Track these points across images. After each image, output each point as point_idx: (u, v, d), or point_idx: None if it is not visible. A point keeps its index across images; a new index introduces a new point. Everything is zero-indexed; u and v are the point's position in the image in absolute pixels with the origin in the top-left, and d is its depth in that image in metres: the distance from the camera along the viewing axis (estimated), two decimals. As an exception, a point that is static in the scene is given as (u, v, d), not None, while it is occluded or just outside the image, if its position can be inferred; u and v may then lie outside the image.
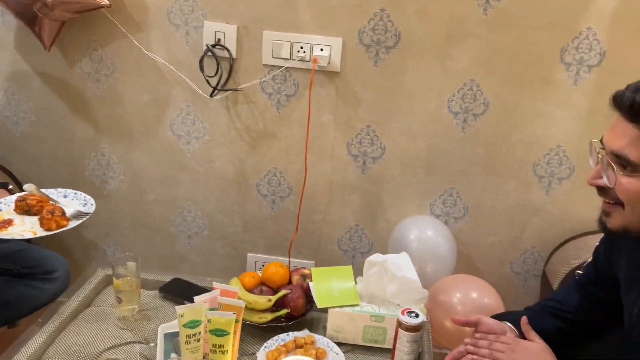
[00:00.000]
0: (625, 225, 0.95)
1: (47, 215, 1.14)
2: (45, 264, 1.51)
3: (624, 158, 0.90)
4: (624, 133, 0.89)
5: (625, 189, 0.91)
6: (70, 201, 1.26)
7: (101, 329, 1.31)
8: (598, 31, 1.56)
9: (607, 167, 0.92)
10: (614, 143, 0.91)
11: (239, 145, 1.82)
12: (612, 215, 0.96)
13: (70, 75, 1.82)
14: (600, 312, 1.18)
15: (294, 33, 1.66)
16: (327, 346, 1.30)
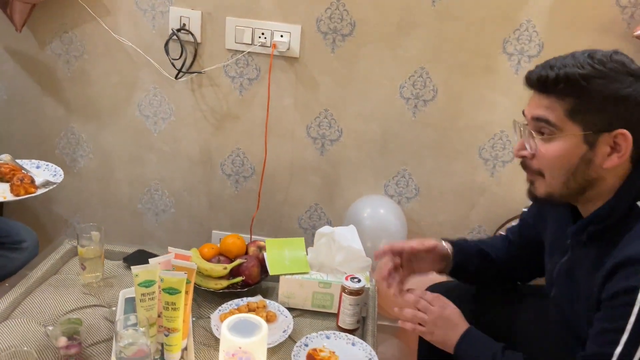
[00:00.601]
0: (548, 192, 1.03)
1: (17, 182, 1.23)
2: (14, 235, 1.58)
3: (544, 119, 0.99)
4: (539, 103, 1.00)
5: (543, 154, 1.00)
6: (42, 171, 1.34)
7: (66, 293, 1.39)
8: (537, 24, 1.68)
9: (528, 136, 1.02)
10: (533, 112, 1.01)
11: (204, 126, 1.91)
12: (536, 184, 1.05)
13: (41, 56, 1.89)
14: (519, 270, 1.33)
15: (255, 20, 1.75)
16: (277, 310, 1.40)
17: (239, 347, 1.11)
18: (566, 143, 0.98)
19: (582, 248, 1.05)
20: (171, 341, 1.17)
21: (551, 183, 1.01)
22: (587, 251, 1.04)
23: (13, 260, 1.57)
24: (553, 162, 0.99)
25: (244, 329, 1.15)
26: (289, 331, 1.32)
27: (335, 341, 1.31)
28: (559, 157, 0.98)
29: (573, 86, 0.95)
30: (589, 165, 0.98)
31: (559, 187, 1.01)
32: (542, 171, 1.01)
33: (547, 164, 1.00)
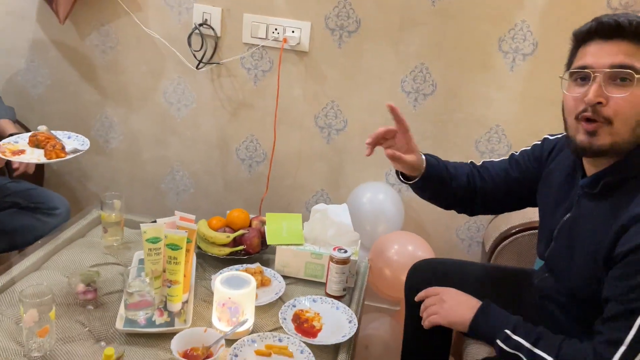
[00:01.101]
0: (614, 141, 1.02)
1: (50, 148, 1.41)
2: (49, 202, 1.79)
3: (628, 66, 0.99)
4: (617, 51, 1.00)
5: (623, 100, 0.99)
6: (72, 141, 1.51)
7: (89, 252, 1.58)
8: (531, 24, 1.77)
9: (607, 83, 1.00)
10: (614, 60, 1.00)
11: (222, 114, 2.09)
12: (600, 133, 1.03)
13: (80, 46, 2.11)
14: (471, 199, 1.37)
15: (269, 16, 1.92)
16: (272, 276, 1.55)
17: (229, 298, 1.27)
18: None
19: (591, 201, 1.10)
20: (173, 292, 1.33)
21: (620, 130, 1.01)
22: (597, 204, 1.08)
23: (46, 223, 1.78)
24: (631, 107, 1.00)
25: (234, 283, 1.31)
26: (280, 293, 1.47)
27: (322, 305, 1.45)
28: (637, 103, 1.00)
29: None
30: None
31: (627, 134, 1.02)
32: (612, 119, 1.01)
33: (625, 109, 1.00)
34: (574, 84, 1.07)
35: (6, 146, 1.41)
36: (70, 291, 1.39)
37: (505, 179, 1.36)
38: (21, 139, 1.47)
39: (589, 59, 1.04)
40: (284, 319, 1.36)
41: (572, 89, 1.07)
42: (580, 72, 1.05)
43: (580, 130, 1.05)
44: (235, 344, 1.24)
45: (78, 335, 1.26)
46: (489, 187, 1.37)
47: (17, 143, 1.45)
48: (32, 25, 2.10)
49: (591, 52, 1.04)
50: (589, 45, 1.05)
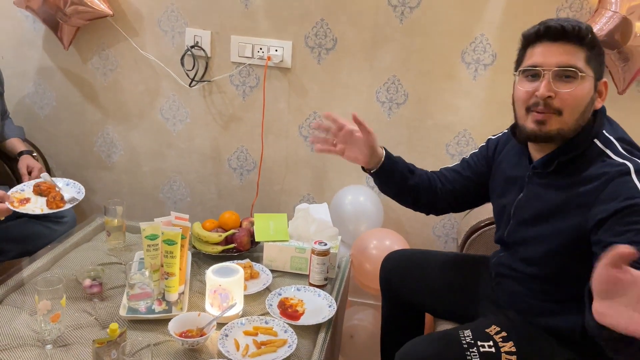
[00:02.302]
0: (561, 127, 1.18)
1: (51, 199, 1.61)
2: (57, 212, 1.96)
3: (572, 66, 1.14)
4: (562, 52, 1.15)
5: (569, 95, 1.14)
6: (70, 188, 1.70)
7: (94, 254, 1.75)
8: (489, 37, 1.96)
9: (554, 80, 1.15)
10: (559, 60, 1.15)
11: (214, 127, 2.27)
12: (549, 122, 1.18)
13: (83, 69, 2.30)
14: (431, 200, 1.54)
15: (254, 37, 2.11)
16: (261, 270, 1.71)
17: (219, 285, 1.44)
18: (586, 85, 1.16)
19: (543, 179, 1.25)
20: (170, 283, 1.50)
21: (567, 120, 1.17)
22: (552, 180, 1.23)
23: (55, 231, 1.94)
24: (576, 100, 1.16)
25: (224, 272, 1.48)
26: (268, 284, 1.63)
27: (305, 293, 1.61)
28: (581, 96, 1.15)
29: (593, 38, 1.16)
30: (591, 106, 1.19)
31: (572, 122, 1.17)
32: (562, 110, 1.16)
33: (571, 101, 1.15)
34: (525, 80, 1.22)
35: (14, 195, 1.61)
36: (78, 286, 1.55)
37: (460, 179, 1.54)
38: (27, 187, 1.66)
39: (538, 58, 1.18)
40: (270, 305, 1.51)
41: (523, 84, 1.22)
42: (532, 70, 1.19)
43: (529, 119, 1.21)
44: (226, 326, 1.40)
45: (86, 323, 1.42)
46: (448, 188, 1.54)
47: (23, 192, 1.65)
48: (39, 52, 2.29)
49: (540, 52, 1.18)
50: (537, 46, 1.20)
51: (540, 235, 1.26)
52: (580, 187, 1.17)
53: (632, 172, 1.11)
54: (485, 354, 1.24)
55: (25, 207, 1.57)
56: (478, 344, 1.27)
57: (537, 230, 1.26)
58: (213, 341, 1.37)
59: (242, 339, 1.37)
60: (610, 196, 1.11)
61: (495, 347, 1.26)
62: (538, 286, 1.31)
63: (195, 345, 1.33)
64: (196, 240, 1.78)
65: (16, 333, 1.34)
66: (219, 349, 1.31)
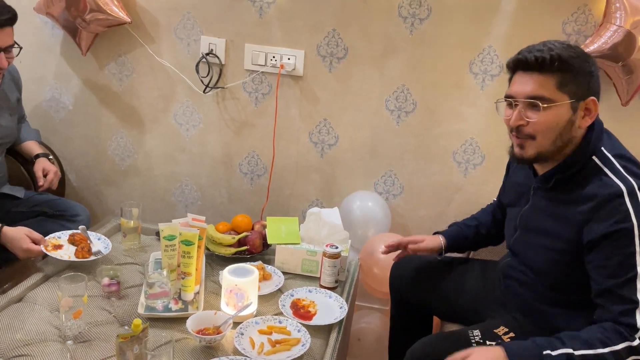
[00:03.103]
0: (538, 151, 1.26)
1: (79, 249, 1.71)
2: (71, 210, 2.01)
3: (539, 97, 1.20)
4: (529, 81, 1.22)
5: (539, 122, 1.22)
6: (100, 242, 1.79)
7: (110, 254, 1.80)
8: (497, 48, 2.02)
9: (525, 109, 1.24)
10: (527, 91, 1.22)
11: (226, 133, 2.32)
12: (526, 147, 1.27)
13: (100, 75, 2.36)
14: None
15: (268, 46, 2.17)
16: (273, 272, 1.76)
17: (235, 285, 1.49)
18: (558, 111, 1.21)
19: (545, 193, 1.33)
20: (186, 283, 1.55)
21: (542, 143, 1.24)
22: (552, 195, 1.31)
23: (69, 229, 1.98)
24: (547, 126, 1.22)
25: (240, 273, 1.52)
26: (280, 285, 1.68)
27: (316, 294, 1.65)
28: (552, 122, 1.22)
29: (563, 64, 1.20)
30: (571, 127, 1.23)
31: (548, 145, 1.24)
32: (534, 135, 1.24)
33: (542, 128, 1.23)
34: (507, 106, 1.31)
35: (50, 241, 1.73)
36: (97, 285, 1.60)
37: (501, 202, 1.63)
38: (63, 236, 1.78)
39: (514, 88, 1.27)
40: (283, 305, 1.56)
41: (505, 110, 1.32)
42: (507, 100, 1.30)
43: (514, 143, 1.31)
44: (242, 325, 1.44)
45: (105, 320, 1.46)
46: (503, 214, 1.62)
47: (59, 239, 1.77)
48: (57, 58, 2.35)
49: (516, 81, 1.27)
50: (516, 75, 1.30)
51: (542, 246, 1.32)
52: (577, 206, 1.23)
53: (624, 195, 1.17)
54: None
55: (57, 252, 1.69)
56: (487, 343, 1.32)
57: (539, 241, 1.33)
58: (229, 339, 1.41)
59: (257, 337, 1.42)
60: (602, 219, 1.18)
61: None
62: (543, 291, 1.36)
63: (212, 343, 1.37)
64: (210, 243, 1.83)
65: (38, 329, 1.39)
66: (235, 346, 1.36)
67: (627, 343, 1.12)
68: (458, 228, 1.67)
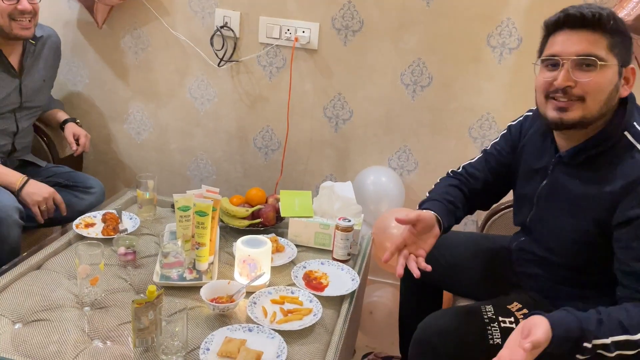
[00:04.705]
0: (584, 115, 1.17)
1: (106, 227, 1.74)
2: (86, 182, 2.04)
3: (593, 54, 1.13)
4: (581, 40, 1.15)
5: (591, 82, 1.14)
6: (131, 221, 1.82)
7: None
8: (516, 21, 1.97)
9: (574, 69, 1.15)
10: (578, 49, 1.15)
11: (240, 107, 2.32)
12: (571, 109, 1.17)
13: (116, 48, 2.36)
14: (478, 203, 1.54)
15: (282, 18, 2.15)
16: (286, 244, 1.77)
17: (249, 255, 1.50)
18: (609, 73, 1.15)
19: (569, 169, 1.25)
20: (201, 253, 1.57)
21: (590, 107, 1.16)
22: (577, 172, 1.24)
23: (84, 200, 2.02)
24: (599, 87, 1.15)
25: (253, 243, 1.54)
26: (293, 257, 1.69)
27: (329, 267, 1.66)
28: (602, 84, 1.15)
29: (617, 23, 1.15)
30: (616, 93, 1.18)
31: (596, 109, 1.17)
32: (584, 96, 1.16)
33: (594, 89, 1.15)
34: (545, 69, 1.22)
35: (84, 219, 1.79)
36: (113, 254, 1.63)
37: (488, 171, 1.51)
38: (98, 215, 1.82)
39: (557, 47, 1.18)
40: (296, 277, 1.58)
41: (543, 73, 1.23)
42: (551, 60, 1.19)
43: (550, 107, 1.20)
44: (255, 294, 1.46)
45: (121, 288, 1.50)
46: (478, 185, 1.51)
47: (94, 218, 1.82)
48: (74, 31, 2.36)
49: (560, 41, 1.18)
50: (557, 35, 1.20)
51: (562, 226, 1.27)
52: (607, 186, 1.18)
53: None
54: (506, 329, 1.27)
55: (87, 230, 1.74)
56: (499, 319, 1.31)
57: (561, 222, 1.28)
58: (242, 308, 1.44)
59: (269, 306, 1.44)
60: (634, 200, 1.13)
61: (516, 323, 1.29)
62: (558, 272, 1.33)
63: (225, 311, 1.40)
64: (224, 215, 1.84)
65: (56, 295, 1.42)
66: (248, 314, 1.38)
67: None
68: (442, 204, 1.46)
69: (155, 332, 1.23)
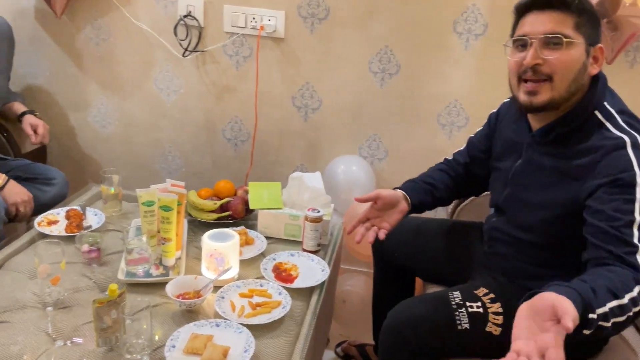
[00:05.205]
0: (552, 96, 1.20)
1: (69, 225, 1.68)
2: (47, 173, 1.99)
3: (559, 33, 1.17)
4: (549, 19, 1.18)
5: (558, 61, 1.17)
6: (96, 217, 1.76)
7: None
8: (481, 7, 1.97)
9: (542, 47, 1.18)
10: (546, 28, 1.18)
11: (208, 98, 2.28)
12: (540, 92, 1.20)
13: (76, 39, 2.29)
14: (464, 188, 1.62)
15: (247, 7, 2.11)
16: (255, 236, 1.75)
17: (215, 249, 1.48)
18: (576, 51, 1.18)
19: (542, 147, 1.28)
20: (167, 248, 1.54)
21: (558, 86, 1.19)
22: (550, 150, 1.26)
23: (46, 192, 1.96)
24: (566, 65, 1.18)
25: (220, 237, 1.51)
26: (262, 249, 1.67)
27: (299, 258, 1.65)
28: (571, 62, 1.18)
29: (581, 3, 1.17)
30: (584, 72, 1.20)
31: (564, 89, 1.19)
32: (552, 75, 1.19)
33: (561, 67, 1.18)
34: (515, 50, 1.25)
35: (47, 217, 1.72)
36: (78, 252, 1.59)
37: (468, 156, 1.59)
38: (62, 212, 1.75)
39: (526, 28, 1.22)
40: (265, 269, 1.56)
41: (514, 54, 1.26)
42: (520, 40, 1.23)
43: (521, 91, 1.24)
44: (222, 288, 1.44)
45: (85, 286, 1.45)
46: (461, 170, 1.59)
47: (57, 215, 1.75)
48: (31, 22, 2.28)
49: (528, 22, 1.22)
50: (526, 17, 1.23)
51: (536, 203, 1.29)
52: (578, 160, 1.20)
53: (627, 146, 1.14)
54: (474, 314, 1.29)
55: (50, 227, 1.68)
56: (467, 304, 1.32)
57: (534, 198, 1.30)
58: (210, 303, 1.41)
59: (238, 300, 1.42)
60: (604, 170, 1.14)
61: (483, 307, 1.31)
62: (530, 251, 1.34)
63: (192, 307, 1.37)
64: (192, 208, 1.81)
65: (17, 296, 1.38)
66: (216, 309, 1.36)
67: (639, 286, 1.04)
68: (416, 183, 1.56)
69: (119, 331, 1.21)
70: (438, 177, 1.58)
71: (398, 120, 2.17)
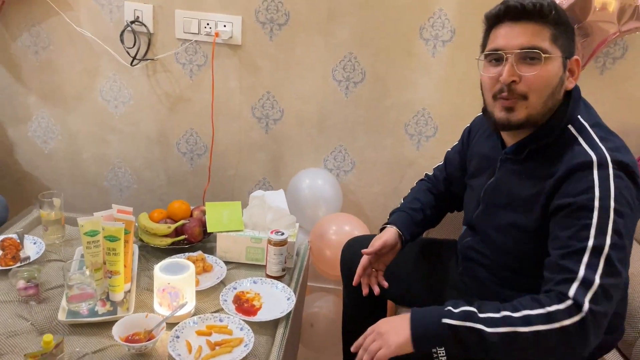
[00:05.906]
0: (529, 113, 1.12)
1: (3, 257, 1.51)
2: None
3: (536, 47, 1.08)
4: (524, 32, 1.09)
5: (534, 77, 1.09)
6: (35, 246, 1.60)
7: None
8: (448, 12, 1.89)
9: (518, 63, 1.10)
10: (521, 41, 1.09)
11: (160, 109, 2.12)
12: (517, 109, 1.13)
13: (12, 47, 2.09)
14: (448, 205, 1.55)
15: (201, 12, 1.96)
16: (214, 262, 1.61)
17: (168, 283, 1.33)
18: (553, 66, 1.10)
19: (514, 165, 1.21)
20: (114, 282, 1.38)
21: (534, 103, 1.12)
22: (523, 167, 1.19)
23: None
24: (542, 82, 1.10)
25: (173, 269, 1.37)
26: (222, 277, 1.53)
27: (262, 285, 1.52)
28: (547, 78, 1.10)
29: (558, 14, 1.10)
30: (561, 87, 1.13)
31: (540, 106, 1.12)
32: (527, 94, 1.11)
33: (537, 85, 1.10)
34: (489, 64, 1.16)
35: None
36: (13, 289, 1.41)
37: (446, 172, 1.53)
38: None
39: (500, 41, 1.13)
40: (225, 301, 1.42)
41: (487, 69, 1.16)
42: (494, 54, 1.14)
43: (497, 107, 1.15)
44: (177, 326, 1.30)
45: (21, 329, 1.28)
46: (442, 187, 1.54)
47: None
48: (-41, 28, 2.07)
49: (502, 34, 1.13)
50: (499, 28, 1.14)
51: (508, 223, 1.22)
52: (548, 178, 1.13)
53: (593, 165, 1.07)
54: None
55: None
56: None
57: (506, 218, 1.22)
58: (163, 344, 1.27)
59: (194, 340, 1.28)
60: (566, 189, 1.08)
61: None
62: (505, 274, 1.27)
63: (143, 350, 1.23)
64: (143, 233, 1.66)
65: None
66: (169, 352, 1.21)
67: (545, 309, 1.02)
68: (407, 214, 1.49)
69: (57, 388, 1.06)
70: (424, 200, 1.52)
71: (364, 130, 2.07)
